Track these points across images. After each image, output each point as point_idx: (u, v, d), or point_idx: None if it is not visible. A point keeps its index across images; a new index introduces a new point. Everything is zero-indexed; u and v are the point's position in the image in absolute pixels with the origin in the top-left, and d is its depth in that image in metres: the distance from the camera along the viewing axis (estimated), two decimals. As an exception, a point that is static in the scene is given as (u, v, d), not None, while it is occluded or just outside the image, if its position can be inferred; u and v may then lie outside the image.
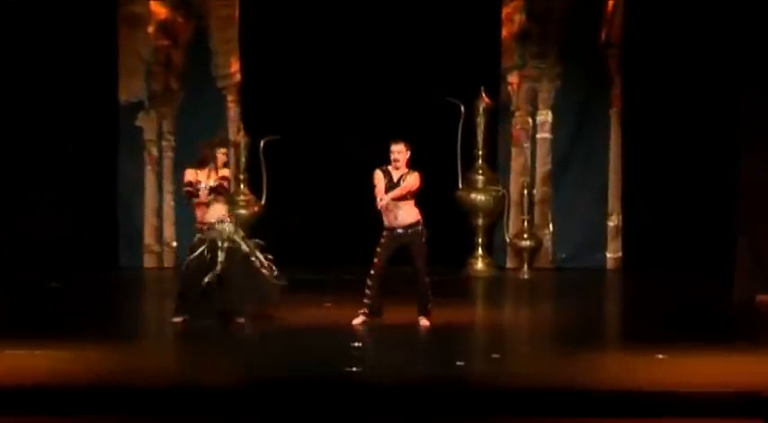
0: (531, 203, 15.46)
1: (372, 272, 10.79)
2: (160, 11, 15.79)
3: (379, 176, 10.80)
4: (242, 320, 10.91)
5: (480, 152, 15.23)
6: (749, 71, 12.29)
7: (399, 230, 10.76)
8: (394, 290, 10.99)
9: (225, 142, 12.26)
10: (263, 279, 10.97)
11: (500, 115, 15.60)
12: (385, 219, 10.78)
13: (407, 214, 10.78)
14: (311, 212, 15.39)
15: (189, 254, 11.03)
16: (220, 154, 11.08)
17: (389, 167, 10.82)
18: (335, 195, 15.30)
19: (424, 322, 10.81)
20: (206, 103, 15.83)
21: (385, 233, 10.80)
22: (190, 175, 11.03)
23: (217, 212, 10.98)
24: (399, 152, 10.80)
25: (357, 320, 10.80)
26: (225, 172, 11.09)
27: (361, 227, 15.45)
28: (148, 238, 15.90)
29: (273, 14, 15.53)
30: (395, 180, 10.76)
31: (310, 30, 15.49)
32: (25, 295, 12.96)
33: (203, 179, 10.99)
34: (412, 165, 10.86)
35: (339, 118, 15.48)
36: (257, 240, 11.29)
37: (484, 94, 15.03)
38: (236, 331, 10.74)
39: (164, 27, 15.80)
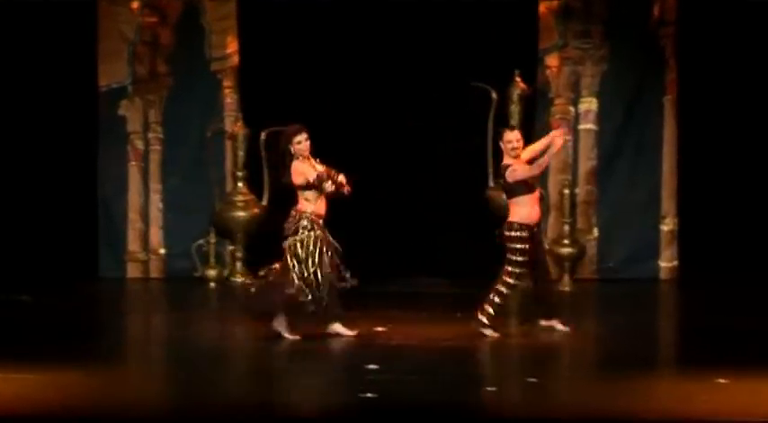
0: (573, 205, 15.46)
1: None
2: (146, -17, 15.85)
3: None
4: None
5: (514, 145, 15.22)
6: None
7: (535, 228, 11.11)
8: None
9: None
10: None
11: (537, 103, 15.60)
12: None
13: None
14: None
15: None
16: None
17: None
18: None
19: (560, 326, 11.30)
20: (198, 90, 15.86)
21: (525, 234, 10.94)
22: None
23: None
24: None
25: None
26: None
27: (376, 230, 15.60)
28: (132, 244, 15.93)
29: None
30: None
31: (319, 5, 15.46)
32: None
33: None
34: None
35: (350, 106, 15.45)
36: None
37: (519, 79, 15.02)
38: (233, 352, 10.77)
39: (150, 2, 15.83)
